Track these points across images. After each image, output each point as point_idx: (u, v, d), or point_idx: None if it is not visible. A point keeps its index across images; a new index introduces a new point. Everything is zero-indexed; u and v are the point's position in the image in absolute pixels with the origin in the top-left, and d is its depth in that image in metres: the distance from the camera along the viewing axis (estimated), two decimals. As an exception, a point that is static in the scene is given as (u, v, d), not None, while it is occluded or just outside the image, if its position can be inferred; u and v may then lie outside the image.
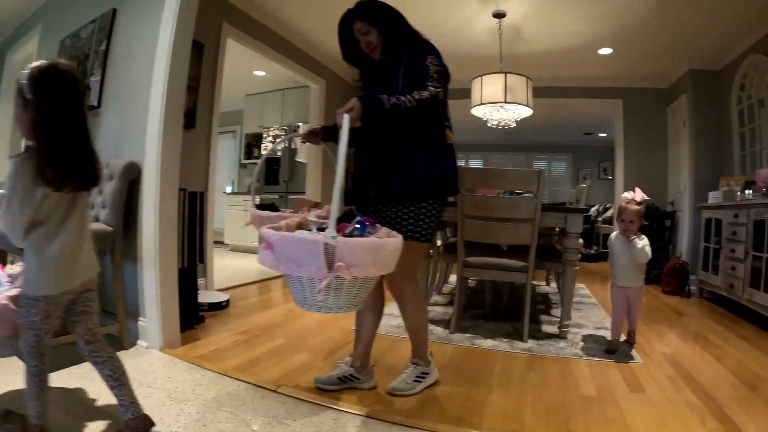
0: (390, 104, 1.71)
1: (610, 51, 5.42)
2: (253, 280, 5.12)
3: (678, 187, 6.00)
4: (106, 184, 2.71)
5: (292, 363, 2.51)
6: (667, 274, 5.11)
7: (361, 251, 1.41)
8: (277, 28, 5.18)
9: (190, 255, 3.31)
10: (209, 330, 3.09)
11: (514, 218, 2.95)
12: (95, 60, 3.27)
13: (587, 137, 10.98)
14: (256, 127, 7.92)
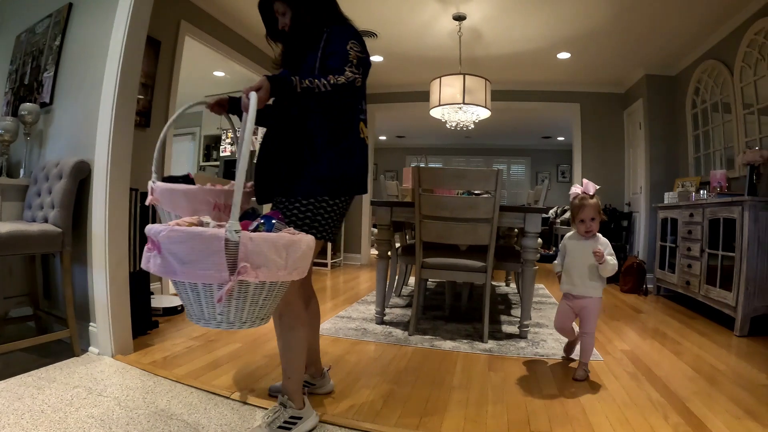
0: (302, 87, 1.54)
1: (568, 56, 5.48)
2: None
3: (634, 188, 6.12)
4: (55, 183, 2.57)
5: (248, 368, 2.40)
6: (625, 273, 5.18)
7: (270, 250, 1.23)
8: (236, 27, 5.05)
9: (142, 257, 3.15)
10: (163, 335, 2.96)
11: (472, 218, 2.90)
12: (49, 56, 3.12)
13: (546, 141, 11.16)
14: (215, 128, 7.74)
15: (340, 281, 5.48)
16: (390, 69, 6.28)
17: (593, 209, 2.37)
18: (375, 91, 7.16)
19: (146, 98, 3.89)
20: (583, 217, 2.39)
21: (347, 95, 1.66)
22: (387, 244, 3.30)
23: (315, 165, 1.72)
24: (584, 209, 2.38)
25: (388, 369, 2.42)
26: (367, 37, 5.18)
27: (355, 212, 7.30)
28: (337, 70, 1.65)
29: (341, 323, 3.31)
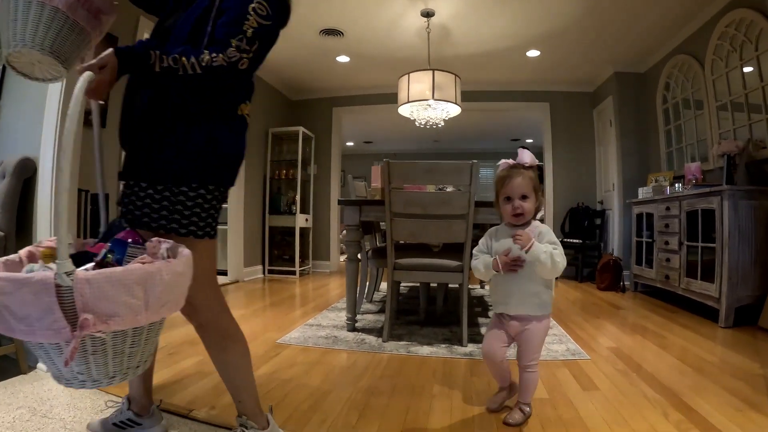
0: (162, 67, 1.19)
1: (538, 53, 5.41)
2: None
3: (606, 186, 6.07)
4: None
5: (210, 382, 2.16)
6: (601, 271, 5.09)
7: (119, 291, 0.91)
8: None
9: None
10: None
11: (446, 215, 2.72)
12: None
13: (515, 143, 11.10)
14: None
15: (309, 289, 5.25)
16: (357, 70, 6.11)
17: (525, 183, 1.69)
18: (341, 93, 6.99)
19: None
20: (509, 192, 1.70)
21: (226, 78, 1.28)
22: (356, 246, 3.09)
23: (180, 146, 1.32)
24: (511, 181, 1.70)
25: (363, 379, 2.21)
26: (333, 36, 5.01)
27: (323, 216, 7.09)
28: (219, 42, 1.25)
29: (310, 331, 3.10)
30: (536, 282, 1.68)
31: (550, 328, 2.68)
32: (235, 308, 3.97)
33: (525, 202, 1.68)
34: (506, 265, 1.66)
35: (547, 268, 1.59)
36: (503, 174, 1.74)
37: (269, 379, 2.21)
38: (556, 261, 1.59)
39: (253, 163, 6.11)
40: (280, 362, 2.48)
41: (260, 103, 6.23)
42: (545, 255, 1.59)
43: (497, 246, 1.74)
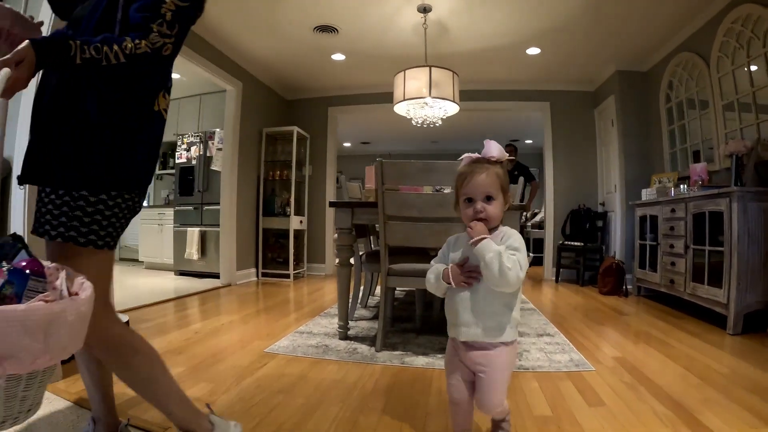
0: (83, 58, 1.06)
1: (538, 51, 5.28)
2: (168, 298, 4.55)
3: (608, 187, 5.94)
4: None
5: (189, 395, 2.03)
6: (604, 275, 4.95)
7: (18, 333, 0.79)
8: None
9: None
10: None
11: (444, 218, 2.56)
12: None
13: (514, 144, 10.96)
14: (171, 135, 7.30)
15: (303, 293, 5.11)
16: (353, 69, 5.98)
17: (491, 181, 1.36)
18: (337, 93, 6.84)
19: None
20: (471, 192, 1.37)
21: (150, 66, 1.18)
22: (348, 251, 2.95)
23: (80, 143, 1.18)
24: (473, 178, 1.37)
25: (353, 393, 2.07)
26: (327, 33, 4.88)
27: (318, 219, 6.94)
28: (139, 27, 1.16)
29: (300, 340, 2.96)
30: (494, 299, 1.33)
31: (518, 356, 2.55)
32: (224, 314, 3.88)
33: (490, 204, 1.35)
34: (457, 276, 1.36)
35: (492, 274, 1.25)
36: (464, 170, 1.41)
37: (253, 392, 2.07)
38: (504, 266, 1.23)
39: (246, 163, 5.98)
40: (265, 374, 2.33)
41: (255, 102, 6.10)
42: (492, 255, 1.25)
43: (454, 256, 1.45)
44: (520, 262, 1.27)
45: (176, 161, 6.81)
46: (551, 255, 6.32)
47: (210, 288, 5.24)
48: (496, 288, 1.28)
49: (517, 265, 1.26)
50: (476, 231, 1.31)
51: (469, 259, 1.37)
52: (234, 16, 4.59)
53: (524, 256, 1.30)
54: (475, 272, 1.33)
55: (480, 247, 1.28)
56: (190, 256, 6.19)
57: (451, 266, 1.39)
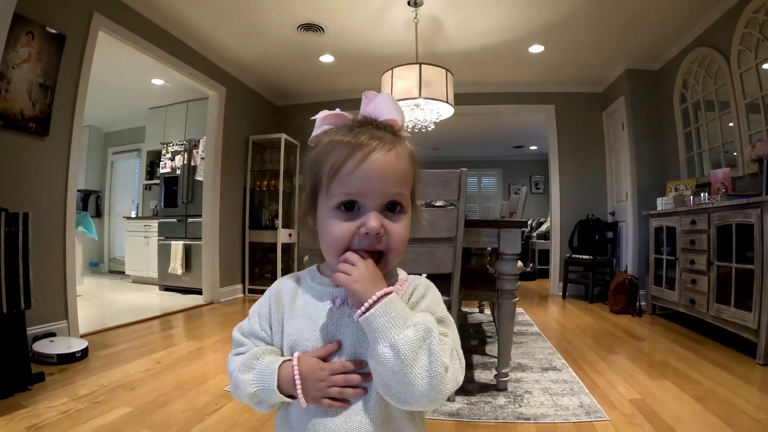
0: None
1: (542, 49, 4.88)
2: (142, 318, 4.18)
3: (619, 195, 5.54)
4: None
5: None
6: (615, 291, 4.54)
7: None
8: (165, 24, 4.32)
9: (11, 296, 2.40)
10: (46, 392, 2.30)
11: (428, 238, 2.14)
12: None
13: (518, 151, 10.62)
14: (158, 143, 6.99)
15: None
16: (342, 71, 5.60)
17: (403, 169, 0.73)
18: (328, 98, 6.45)
19: (44, 101, 3.15)
20: (358, 187, 0.69)
21: None
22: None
23: None
24: (369, 158, 0.69)
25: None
26: (313, 32, 4.52)
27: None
28: None
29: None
30: (395, 415, 0.71)
31: (519, 400, 2.17)
32: (197, 338, 3.49)
33: (396, 218, 0.72)
34: (320, 385, 0.69)
35: (405, 379, 0.63)
36: (337, 139, 0.72)
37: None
38: (439, 365, 0.62)
39: (231, 173, 5.63)
40: (218, 421, 2.00)
41: (240, 108, 5.76)
42: (413, 338, 0.63)
43: (298, 325, 0.75)
44: (458, 352, 0.68)
45: (161, 171, 6.49)
46: (558, 268, 5.90)
47: (191, 306, 4.89)
48: (406, 406, 0.65)
49: (456, 360, 0.67)
50: (362, 275, 0.67)
51: (331, 334, 0.73)
52: (209, 14, 4.23)
53: (457, 338, 0.71)
54: (359, 378, 0.70)
55: (375, 316, 0.65)
56: (174, 270, 5.84)
57: (299, 357, 0.71)
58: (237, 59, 5.28)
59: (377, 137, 0.70)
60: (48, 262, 3.19)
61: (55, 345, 2.91)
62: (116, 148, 8.85)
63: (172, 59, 4.48)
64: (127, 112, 7.72)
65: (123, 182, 8.82)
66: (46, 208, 3.19)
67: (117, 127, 8.69)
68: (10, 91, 2.90)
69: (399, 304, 0.66)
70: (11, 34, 2.02)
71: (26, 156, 3.07)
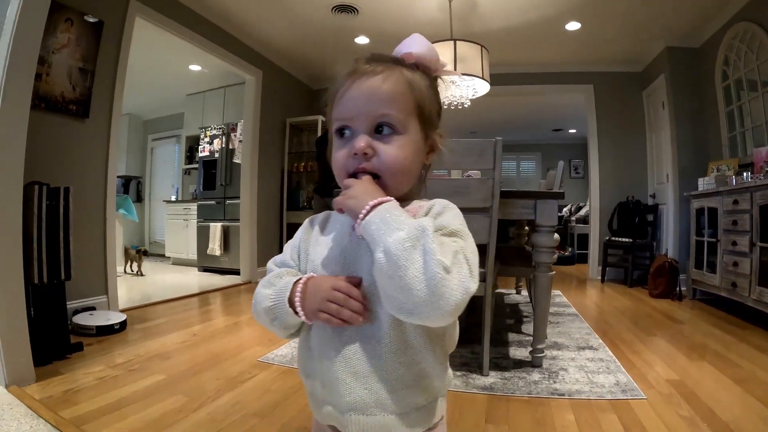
0: None
1: (579, 26, 4.77)
2: (181, 295, 4.34)
3: (659, 177, 5.40)
4: None
5: (155, 412, 1.80)
6: (655, 275, 4.46)
7: None
8: (200, 9, 4.41)
9: (51, 267, 2.51)
10: (84, 361, 2.42)
11: (464, 208, 2.14)
12: None
13: (556, 134, 10.44)
14: (197, 129, 7.15)
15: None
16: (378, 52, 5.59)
17: (394, 89, 0.72)
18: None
19: (84, 85, 3.28)
20: (345, 113, 0.73)
21: None
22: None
23: None
24: (354, 84, 0.72)
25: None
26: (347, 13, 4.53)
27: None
28: None
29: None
30: (410, 342, 0.69)
31: (554, 376, 2.17)
32: (233, 314, 3.61)
33: (387, 139, 0.71)
34: (322, 302, 0.68)
35: (404, 283, 0.58)
36: (342, 77, 0.75)
37: (227, 412, 1.81)
38: (435, 263, 0.57)
39: (269, 155, 5.73)
40: (250, 389, 2.08)
41: (277, 91, 5.83)
42: (404, 237, 0.60)
43: (320, 252, 0.77)
44: (467, 257, 0.62)
45: (199, 155, 6.63)
46: (597, 252, 5.81)
47: (229, 285, 5.03)
48: (412, 317, 0.61)
49: (463, 263, 0.60)
50: (356, 192, 0.67)
51: (350, 263, 0.72)
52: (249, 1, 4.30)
53: (473, 249, 0.65)
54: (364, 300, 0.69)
55: (369, 223, 0.63)
56: (213, 251, 6.00)
57: (307, 278, 0.72)
58: (272, 43, 5.34)
59: (372, 65, 0.73)
60: (89, 240, 3.32)
61: (94, 317, 3.05)
62: (155, 134, 9.08)
63: (209, 44, 4.57)
64: (165, 100, 7.90)
65: (162, 167, 9.05)
66: (88, 186, 3.32)
67: (156, 115, 8.92)
68: (51, 75, 3.03)
69: (395, 210, 0.64)
70: (50, 20, 2.12)
71: (67, 137, 3.19)
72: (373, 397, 0.68)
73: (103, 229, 3.47)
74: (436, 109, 0.78)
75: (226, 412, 1.81)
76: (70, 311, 2.95)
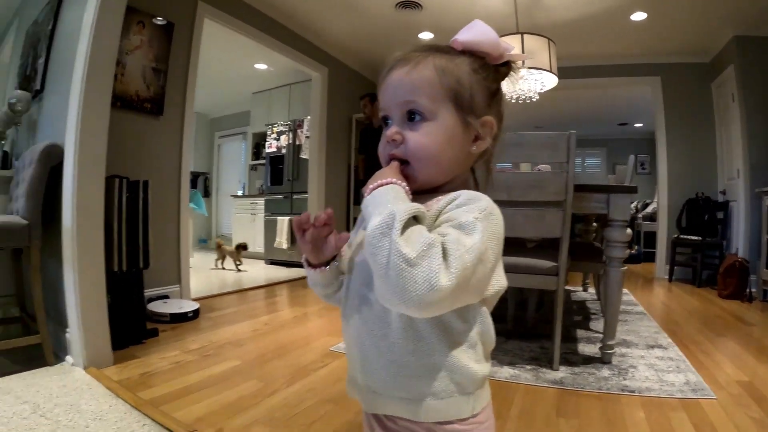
0: None
1: (644, 16, 4.67)
2: (249, 287, 4.61)
3: (730, 173, 5.24)
4: (27, 171, 2.30)
5: (231, 396, 1.95)
6: (725, 275, 4.37)
7: None
8: (266, 9, 4.63)
9: (131, 256, 2.75)
10: (159, 346, 2.62)
11: (538, 201, 2.21)
12: (44, 42, 2.89)
13: (622, 128, 10.17)
14: (263, 126, 7.43)
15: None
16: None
17: (422, 77, 0.71)
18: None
19: (158, 84, 3.55)
20: (382, 103, 0.76)
21: None
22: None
23: None
24: (387, 76, 0.74)
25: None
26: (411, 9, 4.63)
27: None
28: None
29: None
30: (423, 333, 0.67)
31: (624, 374, 2.22)
32: (300, 305, 3.81)
33: (416, 126, 0.71)
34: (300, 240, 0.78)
35: (373, 267, 0.59)
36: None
37: (302, 397, 1.95)
38: (396, 249, 0.55)
39: (336, 151, 5.94)
40: (322, 376, 2.22)
41: (342, 88, 6.01)
42: (377, 222, 0.58)
43: (355, 236, 0.81)
44: (448, 251, 0.57)
45: (266, 151, 6.89)
46: (664, 250, 5.71)
47: (295, 278, 5.26)
48: (386, 304, 0.61)
49: (435, 257, 0.56)
50: (377, 175, 0.69)
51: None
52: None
53: (475, 246, 0.58)
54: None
55: (365, 203, 0.65)
56: (280, 245, 6.25)
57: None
58: (337, 40, 5.51)
59: (406, 56, 0.74)
60: (163, 231, 3.56)
61: (168, 305, 3.26)
62: (222, 132, 9.49)
63: (276, 43, 4.79)
64: (231, 98, 8.26)
65: (229, 164, 9.46)
66: (163, 180, 3.57)
67: (222, 113, 9.32)
68: (125, 75, 3.28)
69: (390, 193, 0.64)
70: (123, 23, 2.32)
71: (143, 133, 3.45)
72: (382, 378, 0.71)
73: (176, 221, 3.73)
74: (483, 94, 0.74)
75: (300, 397, 1.95)
76: (145, 299, 3.14)
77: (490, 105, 0.75)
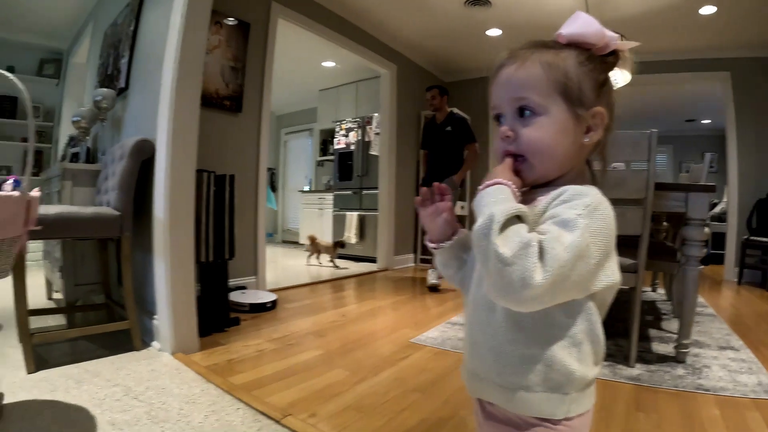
0: None
1: (714, 9, 4.56)
2: (322, 279, 4.87)
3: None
4: (117, 165, 2.50)
5: (319, 383, 2.06)
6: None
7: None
8: (336, 9, 4.84)
9: (217, 247, 2.93)
10: (241, 334, 2.77)
11: (619, 199, 2.20)
12: (126, 42, 3.14)
13: (689, 125, 9.82)
14: (330, 122, 7.68)
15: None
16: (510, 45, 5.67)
17: (530, 75, 0.74)
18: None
19: (236, 82, 3.80)
20: (493, 101, 0.79)
21: None
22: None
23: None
24: (497, 75, 0.79)
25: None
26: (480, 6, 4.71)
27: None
28: None
29: (451, 332, 2.95)
30: (524, 325, 0.71)
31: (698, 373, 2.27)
32: (375, 299, 4.05)
33: (527, 122, 0.74)
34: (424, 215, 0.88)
35: (481, 263, 0.64)
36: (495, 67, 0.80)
37: (388, 386, 2.07)
38: (494, 249, 0.60)
39: (404, 147, 6.11)
40: (406, 366, 2.33)
41: (410, 84, 6.16)
42: (481, 223, 0.64)
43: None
44: (544, 249, 0.60)
45: (335, 147, 7.13)
46: (734, 252, 5.59)
47: (366, 272, 5.47)
48: (490, 295, 0.66)
49: (531, 256, 0.59)
50: (491, 173, 0.72)
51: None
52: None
53: (575, 243, 0.60)
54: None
55: (475, 204, 0.69)
56: (348, 239, 6.48)
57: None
58: (405, 37, 5.66)
59: (512, 53, 0.78)
60: (242, 224, 3.76)
61: (247, 296, 3.44)
62: (288, 128, 9.82)
63: (345, 41, 4.99)
64: (298, 95, 8.54)
65: (295, 160, 9.79)
66: (242, 175, 3.78)
67: (289, 110, 9.64)
68: (205, 74, 3.41)
69: (494, 193, 0.67)
70: None
71: (224, 130, 3.70)
72: (484, 363, 0.75)
73: (254, 214, 3.99)
74: (590, 85, 0.74)
75: (388, 386, 2.04)
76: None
77: (599, 96, 0.75)
